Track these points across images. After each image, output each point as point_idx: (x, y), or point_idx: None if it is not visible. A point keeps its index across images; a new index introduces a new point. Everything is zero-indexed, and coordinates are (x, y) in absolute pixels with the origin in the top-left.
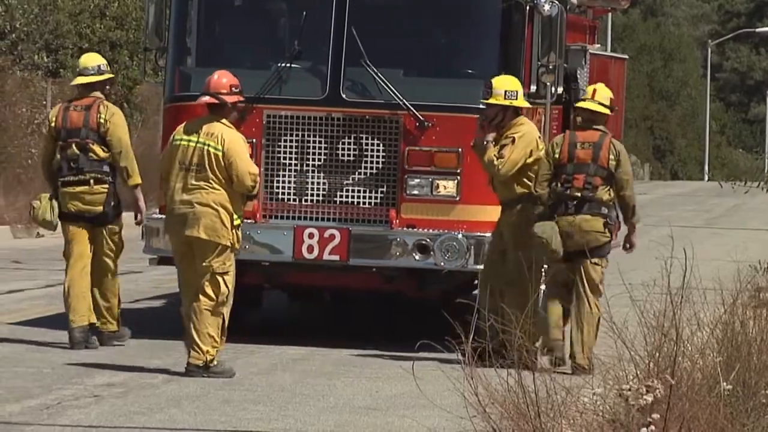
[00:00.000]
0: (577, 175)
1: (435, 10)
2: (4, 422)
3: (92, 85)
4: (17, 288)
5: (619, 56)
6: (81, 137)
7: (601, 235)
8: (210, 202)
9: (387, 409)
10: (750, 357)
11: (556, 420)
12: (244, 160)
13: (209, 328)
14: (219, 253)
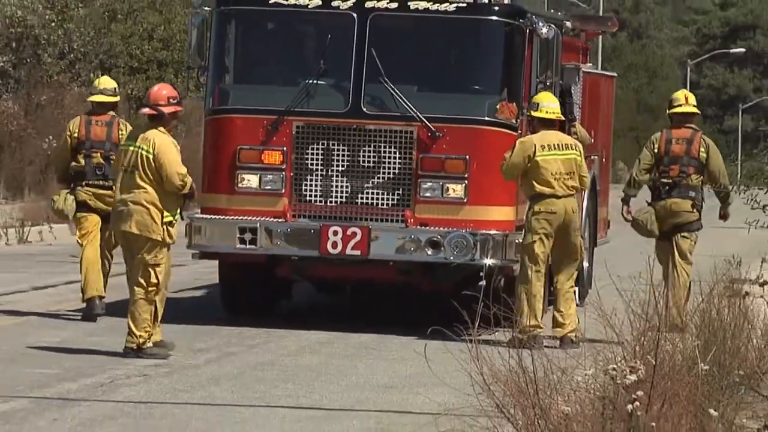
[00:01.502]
0: (672, 166)
1: (445, 33)
2: (63, 398)
3: (111, 104)
4: (74, 279)
5: (609, 74)
6: (105, 149)
7: (690, 214)
8: (142, 201)
9: (402, 387)
10: (725, 341)
11: (553, 397)
12: (172, 162)
13: (143, 314)
14: (150, 248)
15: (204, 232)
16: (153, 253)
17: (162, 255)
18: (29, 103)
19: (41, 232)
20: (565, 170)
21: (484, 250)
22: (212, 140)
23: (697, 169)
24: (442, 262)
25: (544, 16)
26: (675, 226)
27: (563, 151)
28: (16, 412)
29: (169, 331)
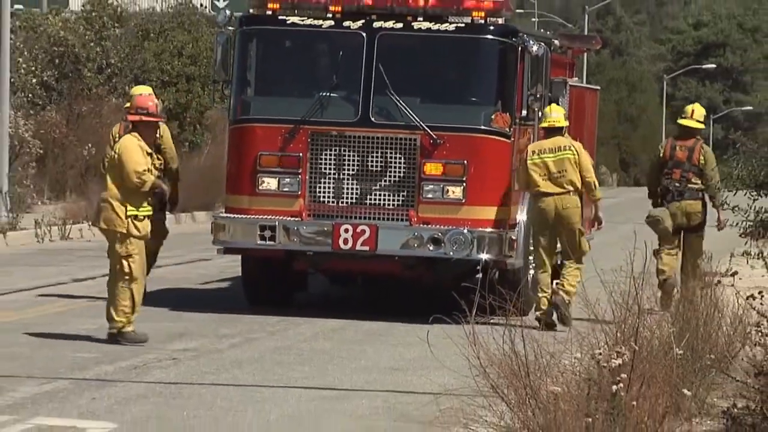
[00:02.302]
0: (675, 170)
1: (445, 50)
2: (101, 379)
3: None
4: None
5: (593, 87)
6: None
7: (701, 215)
8: (108, 198)
9: (407, 370)
10: (698, 328)
11: (542, 379)
12: (129, 161)
13: (121, 302)
14: (119, 240)
15: (228, 230)
16: (123, 245)
17: (133, 246)
18: (71, 114)
19: (81, 229)
20: (556, 169)
21: (480, 246)
22: (235, 147)
23: (696, 175)
24: (443, 257)
25: (534, 35)
26: (688, 228)
27: (555, 153)
28: (58, 391)
29: (196, 318)
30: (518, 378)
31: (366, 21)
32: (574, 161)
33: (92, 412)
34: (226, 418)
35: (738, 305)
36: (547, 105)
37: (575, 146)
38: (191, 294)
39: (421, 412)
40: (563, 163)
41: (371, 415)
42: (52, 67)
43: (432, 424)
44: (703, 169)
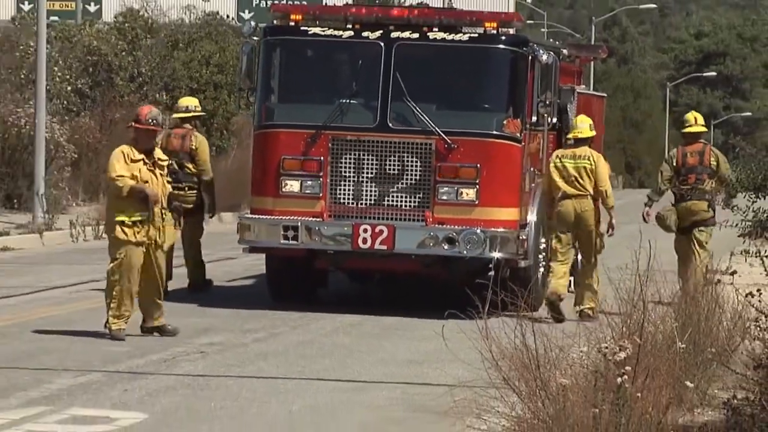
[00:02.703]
0: (689, 175)
1: (459, 59)
2: (132, 372)
3: (185, 119)
4: None
5: (599, 94)
6: (179, 158)
7: (706, 213)
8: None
9: (422, 362)
10: (699, 323)
11: (551, 371)
12: (108, 168)
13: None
14: (109, 243)
15: (253, 230)
16: (111, 248)
17: (121, 251)
18: (104, 120)
19: None
20: (575, 174)
21: (492, 245)
22: (260, 151)
23: (710, 176)
24: (457, 255)
25: (544, 44)
26: (694, 223)
27: (575, 160)
28: (92, 383)
29: (223, 314)
30: (529, 370)
31: (384, 32)
32: (591, 170)
33: (124, 402)
34: (251, 409)
35: (738, 302)
36: (556, 110)
37: (594, 157)
38: (218, 291)
39: (437, 403)
40: (580, 169)
41: (389, 405)
42: (86, 75)
43: (446, 414)
44: (716, 169)
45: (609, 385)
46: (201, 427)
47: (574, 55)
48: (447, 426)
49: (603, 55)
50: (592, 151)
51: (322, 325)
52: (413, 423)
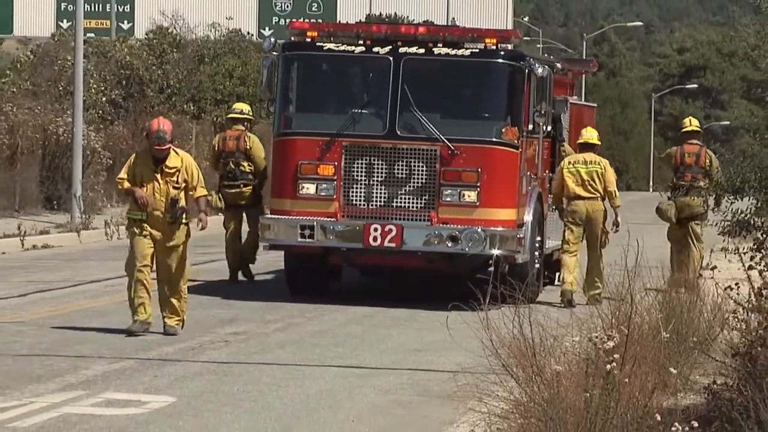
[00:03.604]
0: (686, 173)
1: (462, 73)
2: (162, 359)
3: (238, 120)
4: None
5: (590, 105)
6: (235, 157)
7: (700, 208)
8: None
9: (428, 351)
10: (682, 315)
11: (546, 359)
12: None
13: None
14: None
15: (272, 229)
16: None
17: (130, 243)
18: (135, 128)
19: None
20: (587, 178)
21: (492, 243)
22: (279, 157)
23: (704, 176)
24: (460, 252)
25: (539, 59)
26: (690, 217)
27: (587, 165)
28: (125, 370)
29: (245, 306)
30: (526, 358)
31: (392, 47)
32: (601, 174)
33: (155, 387)
34: (270, 393)
35: (717, 295)
36: (550, 119)
37: (603, 162)
38: (241, 285)
39: (441, 388)
40: (592, 174)
41: (397, 390)
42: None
43: (450, 398)
44: (708, 170)
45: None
46: (224, 410)
47: (567, 69)
48: (450, 409)
49: (593, 68)
50: (601, 158)
51: (336, 316)
52: (419, 406)
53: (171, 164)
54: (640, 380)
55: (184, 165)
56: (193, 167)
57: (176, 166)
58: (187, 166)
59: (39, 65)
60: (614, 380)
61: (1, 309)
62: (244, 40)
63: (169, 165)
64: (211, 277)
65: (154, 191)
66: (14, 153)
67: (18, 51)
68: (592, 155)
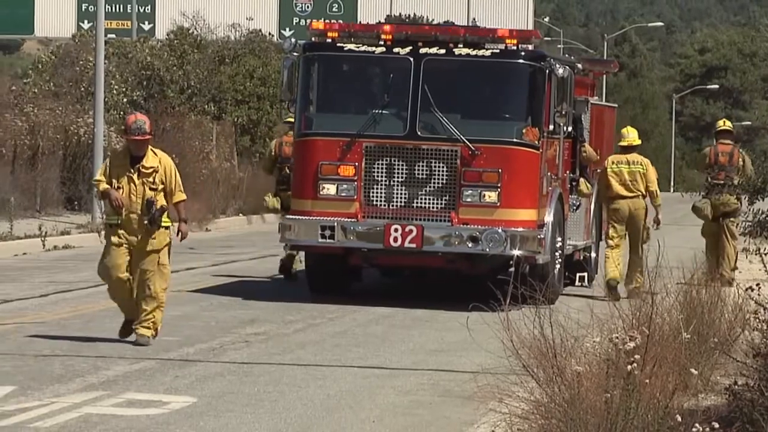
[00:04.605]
0: (720, 172)
1: (482, 73)
2: (183, 359)
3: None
4: (192, 266)
5: (611, 105)
6: (291, 162)
7: (735, 205)
8: None
9: (449, 351)
10: (703, 315)
11: (567, 359)
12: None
13: None
14: None
15: (293, 229)
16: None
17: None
18: (156, 129)
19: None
20: (629, 178)
21: (513, 244)
22: (299, 158)
23: (737, 174)
24: (480, 252)
25: (560, 59)
26: (725, 214)
27: (629, 166)
28: (146, 370)
29: (265, 307)
30: (546, 358)
31: (413, 47)
32: (643, 174)
33: (175, 388)
34: (291, 393)
35: (738, 296)
36: (571, 119)
37: (644, 162)
38: (261, 285)
39: (462, 389)
40: (635, 174)
41: (418, 390)
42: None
43: (471, 398)
44: (741, 168)
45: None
46: (245, 410)
47: (587, 69)
48: (471, 409)
49: (614, 69)
50: (643, 158)
51: (357, 317)
52: (440, 406)
53: (148, 164)
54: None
55: (163, 166)
56: (172, 169)
57: (153, 166)
58: (165, 167)
59: (60, 66)
60: (635, 381)
61: (23, 309)
62: (264, 40)
63: (146, 165)
64: (231, 278)
65: (131, 193)
66: (35, 154)
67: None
68: (635, 155)
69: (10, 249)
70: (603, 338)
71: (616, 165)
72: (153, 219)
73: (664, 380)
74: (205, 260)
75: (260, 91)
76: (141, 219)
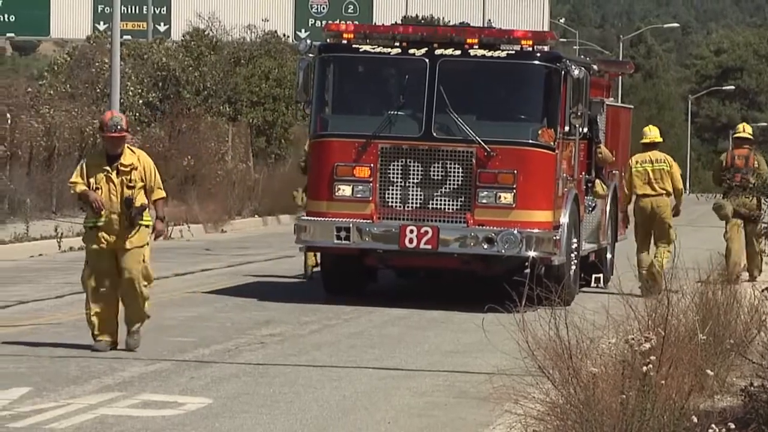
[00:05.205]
0: (736, 174)
1: (498, 74)
2: (199, 361)
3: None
4: (207, 267)
5: (626, 106)
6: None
7: (752, 205)
8: None
9: (464, 352)
10: (719, 316)
11: (583, 360)
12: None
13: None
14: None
15: (309, 231)
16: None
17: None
18: (172, 130)
19: (181, 230)
20: (653, 177)
21: (528, 245)
22: (315, 159)
23: (753, 176)
24: (496, 254)
25: (575, 60)
26: (746, 216)
27: (653, 164)
28: (162, 371)
29: (281, 308)
30: (562, 360)
31: (428, 49)
32: (667, 171)
33: (191, 389)
34: (306, 394)
35: (754, 297)
36: (586, 120)
37: (669, 160)
38: (276, 286)
39: (477, 390)
40: (659, 172)
41: (433, 391)
42: (156, 89)
43: (486, 400)
44: (756, 171)
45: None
46: (261, 411)
47: (603, 71)
48: (486, 411)
49: (630, 70)
50: (666, 155)
51: (372, 318)
52: (456, 407)
53: (126, 162)
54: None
55: (142, 163)
56: (151, 166)
57: (131, 163)
58: (144, 164)
59: (76, 67)
60: (651, 382)
61: (39, 310)
62: (280, 42)
63: (124, 163)
64: (246, 279)
65: (110, 193)
66: (51, 155)
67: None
68: (657, 153)
69: (26, 250)
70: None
71: (640, 165)
72: (132, 217)
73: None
74: (220, 261)
75: (276, 93)
76: (122, 219)
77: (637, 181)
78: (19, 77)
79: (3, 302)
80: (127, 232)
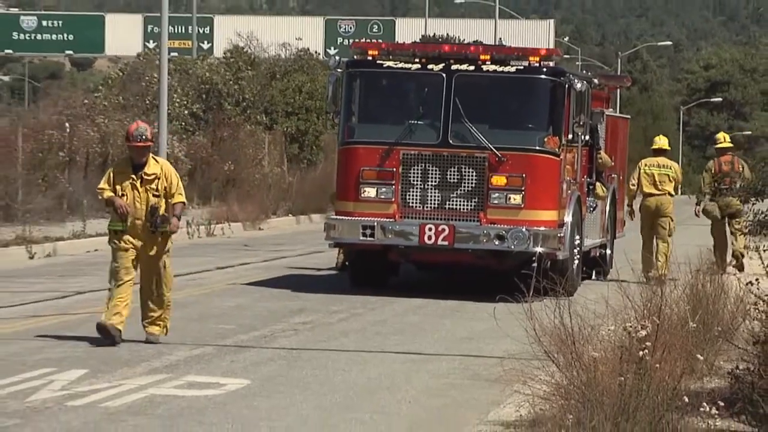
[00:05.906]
0: (725, 179)
1: (508, 87)
2: (238, 346)
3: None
4: (246, 262)
5: (624, 116)
6: None
7: (739, 206)
8: None
9: (478, 339)
10: (708, 306)
11: (585, 346)
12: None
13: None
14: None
15: (337, 229)
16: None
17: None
18: (214, 138)
19: (223, 228)
20: (659, 179)
21: (536, 241)
22: (343, 164)
23: (739, 178)
24: (506, 249)
25: (578, 75)
26: (730, 215)
27: (660, 168)
28: (205, 355)
29: (312, 298)
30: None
31: (445, 64)
32: (672, 176)
33: (231, 371)
34: (335, 376)
35: (740, 289)
36: (588, 129)
37: (674, 166)
38: (308, 278)
39: (489, 372)
40: (663, 176)
41: (449, 374)
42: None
43: (497, 381)
44: (742, 174)
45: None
46: (294, 391)
47: (603, 84)
48: (498, 391)
49: (627, 83)
50: (672, 162)
51: (395, 307)
52: (470, 388)
53: (150, 171)
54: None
55: (164, 172)
56: (173, 174)
57: (155, 173)
58: (166, 173)
59: (128, 81)
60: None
61: (94, 300)
62: (311, 58)
63: (147, 172)
64: (280, 272)
65: (135, 200)
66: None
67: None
68: (664, 159)
69: (83, 246)
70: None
71: (648, 167)
72: (156, 225)
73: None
74: (258, 256)
75: (308, 104)
76: (145, 225)
77: (644, 181)
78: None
79: (63, 293)
80: (150, 239)
